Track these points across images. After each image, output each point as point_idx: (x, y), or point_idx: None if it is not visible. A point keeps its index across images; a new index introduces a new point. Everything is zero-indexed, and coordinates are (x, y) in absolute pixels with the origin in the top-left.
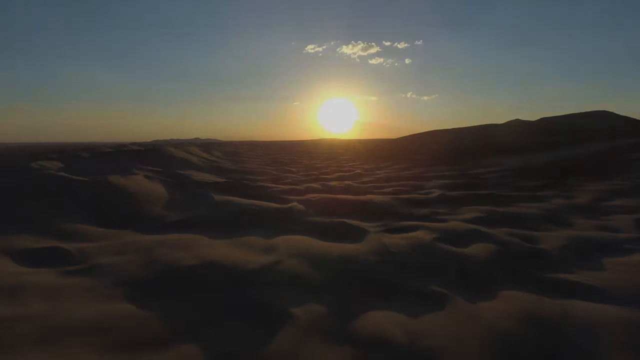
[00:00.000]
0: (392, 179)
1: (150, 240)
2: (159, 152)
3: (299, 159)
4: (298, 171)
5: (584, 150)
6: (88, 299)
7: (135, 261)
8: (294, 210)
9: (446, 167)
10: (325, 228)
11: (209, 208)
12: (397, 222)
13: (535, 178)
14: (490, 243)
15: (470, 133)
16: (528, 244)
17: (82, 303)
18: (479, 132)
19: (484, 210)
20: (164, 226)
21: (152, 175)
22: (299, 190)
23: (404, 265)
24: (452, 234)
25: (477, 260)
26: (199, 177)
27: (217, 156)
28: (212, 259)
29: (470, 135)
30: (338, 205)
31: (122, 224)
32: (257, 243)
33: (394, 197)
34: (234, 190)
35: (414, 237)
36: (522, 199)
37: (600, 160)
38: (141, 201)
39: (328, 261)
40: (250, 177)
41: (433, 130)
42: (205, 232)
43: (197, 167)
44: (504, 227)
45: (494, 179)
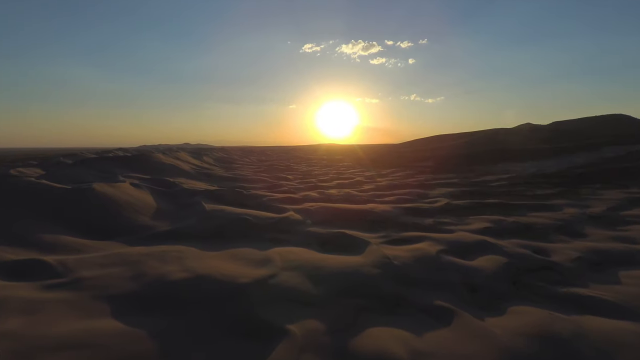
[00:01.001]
0: (394, 186)
1: (137, 252)
2: (147, 158)
3: (295, 165)
4: (294, 178)
5: (599, 156)
6: (70, 315)
7: (120, 274)
8: (290, 220)
9: (452, 174)
10: (323, 239)
11: (200, 218)
12: (400, 233)
13: (547, 185)
14: (499, 255)
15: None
16: (539, 256)
17: (64, 319)
18: (487, 137)
19: (493, 220)
20: (152, 237)
21: (139, 183)
22: (295, 198)
23: (407, 279)
24: (458, 246)
25: (485, 273)
26: (189, 185)
27: (209, 162)
28: (203, 272)
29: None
30: (337, 215)
31: (107, 235)
32: (250, 255)
33: (396, 206)
34: (226, 199)
35: (418, 249)
36: (533, 208)
37: (616, 166)
38: (127, 211)
39: (326, 274)
40: (243, 184)
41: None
42: (196, 244)
43: (187, 174)
44: (514, 238)
45: (503, 186)
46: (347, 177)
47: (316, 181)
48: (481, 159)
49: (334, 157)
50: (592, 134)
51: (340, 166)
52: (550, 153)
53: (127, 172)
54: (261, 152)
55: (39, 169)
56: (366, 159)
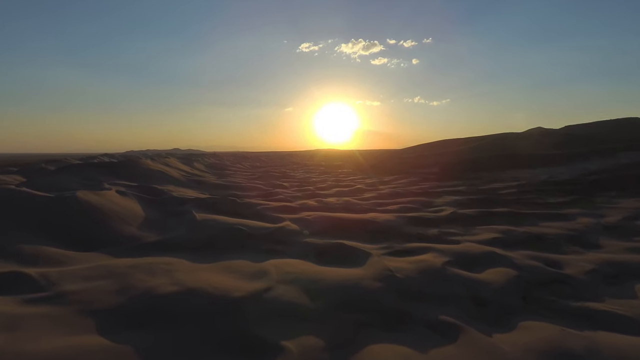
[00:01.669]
0: (397, 194)
1: (124, 264)
2: (134, 164)
3: (292, 172)
4: (291, 186)
5: (615, 162)
6: (53, 331)
7: (106, 288)
8: (287, 231)
9: (459, 181)
10: (321, 250)
11: (190, 228)
12: (402, 244)
13: (559, 193)
14: (509, 267)
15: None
16: (551, 269)
17: (47, 335)
18: (495, 141)
19: (502, 230)
20: (139, 248)
21: (125, 190)
22: (292, 207)
23: (411, 293)
24: (465, 257)
25: (493, 287)
26: (179, 193)
27: (200, 169)
28: (194, 285)
29: (486, 145)
30: (336, 225)
31: (92, 246)
32: (244, 268)
33: (399, 216)
34: (219, 208)
35: (422, 261)
36: (545, 217)
37: (633, 173)
38: (113, 220)
39: (325, 288)
40: (236, 192)
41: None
42: (186, 255)
43: (176, 182)
44: (524, 250)
45: (512, 194)
46: (347, 185)
47: (314, 189)
48: (489, 165)
49: (332, 163)
50: (607, 139)
51: (340, 173)
52: (563, 159)
53: (113, 180)
54: (255, 158)
55: (20, 176)
56: (367, 165)
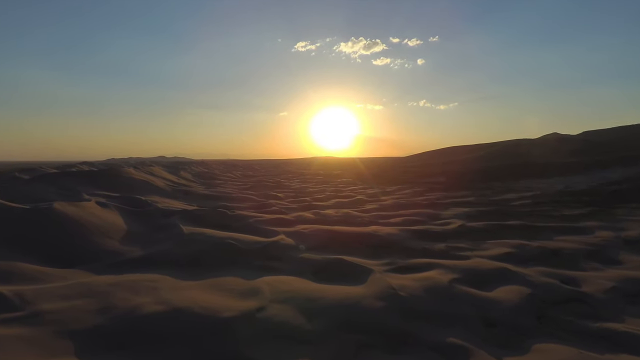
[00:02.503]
0: (400, 206)
1: (105, 281)
2: (115, 173)
3: (286, 181)
4: (286, 197)
5: (637, 171)
6: (29, 353)
7: (86, 307)
8: (281, 245)
9: (467, 191)
10: (319, 267)
11: (177, 242)
12: (407, 260)
13: (576, 205)
14: (522, 285)
15: (497, 150)
16: (568, 286)
17: (21, 357)
18: (507, 149)
19: (514, 244)
20: (122, 264)
21: (106, 202)
22: (287, 220)
23: (416, 313)
24: (474, 274)
25: (505, 306)
26: (164, 204)
27: (187, 178)
28: (181, 304)
29: (498, 153)
30: (335, 239)
31: (70, 262)
32: (235, 285)
33: (403, 229)
34: (207, 221)
35: (428, 278)
36: (561, 230)
37: None
38: (93, 234)
39: (322, 307)
40: (227, 204)
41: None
42: (172, 272)
43: (161, 192)
44: (539, 266)
45: (526, 206)
46: (347, 195)
47: (311, 200)
48: (501, 174)
49: (331, 172)
50: (628, 145)
51: (339, 182)
52: (580, 167)
53: (92, 190)
54: (247, 167)
55: None
56: (368, 174)
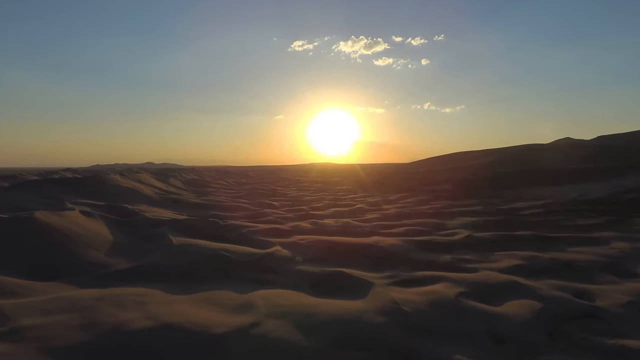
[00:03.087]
0: (404, 215)
1: (89, 295)
2: (100, 180)
3: (282, 189)
4: (281, 206)
5: None
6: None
7: (69, 323)
8: (277, 257)
9: (475, 200)
10: (317, 280)
11: (166, 254)
12: (410, 272)
13: (590, 214)
14: (533, 299)
15: (506, 156)
16: (581, 301)
17: None
18: (517, 154)
19: (524, 256)
20: (107, 277)
21: (91, 211)
22: (282, 230)
23: (420, 328)
24: (482, 288)
25: (514, 321)
26: (153, 214)
27: (176, 186)
28: (170, 320)
29: (507, 159)
30: (334, 250)
31: (52, 275)
32: (228, 299)
33: (406, 240)
34: (198, 231)
35: (433, 292)
36: (574, 241)
37: None
38: (77, 245)
39: (321, 323)
40: (219, 213)
41: (458, 153)
42: (161, 285)
43: (149, 201)
44: (550, 279)
45: (537, 215)
46: (346, 204)
47: (308, 209)
48: (510, 181)
49: (329, 179)
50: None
51: (338, 190)
52: (595, 174)
53: (76, 198)
54: (241, 173)
55: None
56: (369, 182)
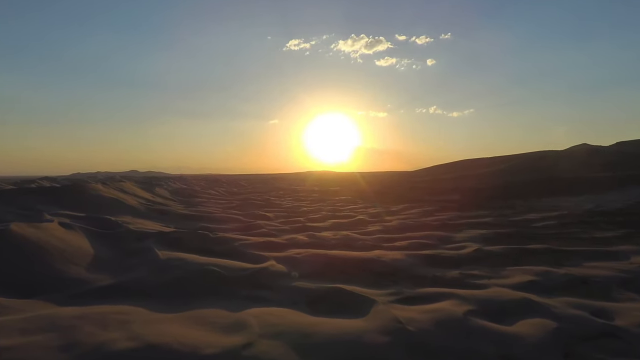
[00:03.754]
0: (408, 227)
1: (69, 314)
2: (81, 190)
3: (277, 199)
4: (276, 217)
5: None
6: None
7: (47, 343)
8: (271, 272)
9: (484, 211)
10: (314, 297)
11: (152, 269)
12: (415, 289)
13: (609, 226)
14: (547, 318)
15: (518, 164)
16: (599, 320)
17: None
18: (530, 162)
19: (538, 271)
20: (88, 294)
21: (71, 222)
22: (277, 243)
23: (425, 349)
24: (492, 306)
25: (527, 342)
26: (137, 226)
27: (163, 196)
28: (156, 340)
29: (519, 166)
30: (332, 265)
31: (30, 292)
32: (218, 318)
33: (410, 254)
34: (187, 244)
35: (440, 310)
36: (591, 255)
37: None
38: (56, 259)
39: (319, 344)
40: (209, 225)
41: (466, 160)
42: (146, 303)
43: (134, 212)
44: (566, 296)
45: (551, 227)
46: (346, 215)
47: (305, 220)
48: (522, 191)
49: (328, 188)
50: None
51: (337, 200)
52: (614, 183)
53: (55, 209)
54: (232, 182)
55: None
56: (370, 191)
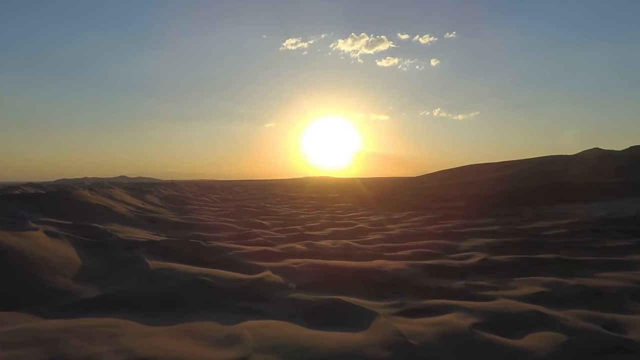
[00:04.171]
0: (411, 236)
1: (54, 327)
2: (67, 197)
3: (273, 206)
4: (272, 225)
5: None
6: None
7: (31, 357)
8: (267, 283)
9: (491, 218)
10: (312, 309)
11: (141, 280)
12: (418, 301)
13: (622, 235)
14: (557, 331)
15: (526, 169)
16: (611, 333)
17: None
18: (539, 167)
19: (547, 282)
20: (75, 306)
21: (57, 231)
22: (273, 253)
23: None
24: (499, 318)
25: (537, 356)
26: (127, 234)
27: (153, 203)
28: (146, 354)
29: (527, 172)
30: (331, 276)
31: (13, 304)
32: (211, 331)
33: (413, 264)
34: (178, 254)
35: (444, 323)
36: (604, 265)
37: None
38: (41, 270)
39: (316, 358)
40: (201, 233)
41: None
42: (136, 316)
43: (123, 220)
44: (577, 308)
45: (561, 236)
46: (346, 223)
47: (302, 229)
48: (531, 197)
49: (327, 195)
50: None
51: (336, 208)
52: (627, 189)
53: (40, 217)
54: (226, 189)
55: None
56: (372, 198)
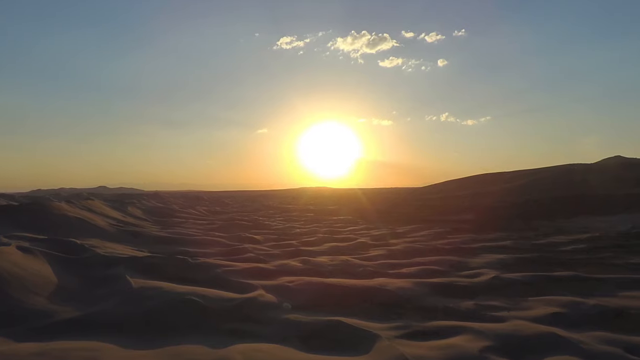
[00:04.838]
0: (416, 252)
1: (28, 350)
2: (42, 209)
3: (266, 219)
4: (265, 240)
5: None
6: None
7: None
8: (259, 303)
9: (503, 233)
10: (308, 331)
11: (123, 299)
12: (424, 322)
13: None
14: (575, 355)
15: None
16: (634, 357)
17: None
18: (556, 177)
19: (565, 302)
20: (51, 328)
21: (31, 246)
22: (266, 270)
23: None
24: (512, 341)
25: None
26: (107, 250)
27: (136, 216)
28: None
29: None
30: (329, 295)
31: None
32: (200, 355)
33: (419, 282)
34: (163, 271)
35: (452, 346)
36: (626, 284)
37: None
38: (13, 288)
39: None
40: (188, 249)
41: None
42: (117, 338)
43: (103, 234)
44: (596, 330)
45: (580, 251)
46: (345, 238)
47: (298, 244)
48: (547, 210)
49: (324, 207)
50: None
51: (335, 221)
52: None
53: (12, 230)
54: (215, 200)
55: None
56: (373, 210)
